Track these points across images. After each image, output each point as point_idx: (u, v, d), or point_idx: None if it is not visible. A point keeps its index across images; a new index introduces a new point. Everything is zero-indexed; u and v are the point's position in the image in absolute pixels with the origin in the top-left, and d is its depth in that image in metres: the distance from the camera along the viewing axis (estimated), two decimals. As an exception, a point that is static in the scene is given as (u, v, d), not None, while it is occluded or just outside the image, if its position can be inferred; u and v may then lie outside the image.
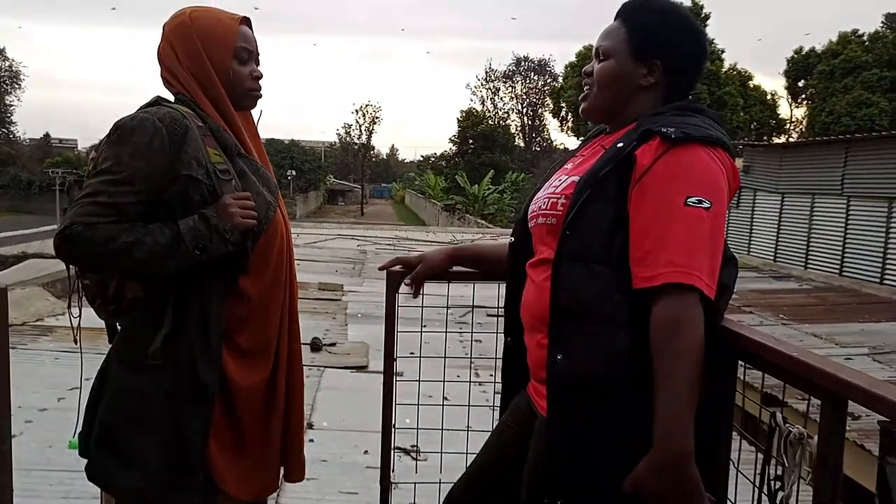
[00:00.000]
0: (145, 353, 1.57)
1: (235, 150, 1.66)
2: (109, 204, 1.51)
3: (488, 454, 1.81)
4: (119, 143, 1.54)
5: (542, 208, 1.61)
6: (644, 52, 1.57)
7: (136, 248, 1.51)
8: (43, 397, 4.50)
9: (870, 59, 31.24)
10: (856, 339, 8.40)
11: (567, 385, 1.46)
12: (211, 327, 1.59)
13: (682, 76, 1.61)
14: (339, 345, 6.59)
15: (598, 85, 1.62)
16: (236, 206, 1.57)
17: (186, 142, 1.56)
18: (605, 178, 1.46)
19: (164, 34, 1.69)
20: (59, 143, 57.66)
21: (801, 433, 1.38)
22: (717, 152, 1.46)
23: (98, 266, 1.60)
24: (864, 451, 5.14)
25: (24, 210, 43.24)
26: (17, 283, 7.44)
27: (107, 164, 1.54)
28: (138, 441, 1.60)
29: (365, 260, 14.01)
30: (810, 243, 14.58)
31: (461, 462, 2.03)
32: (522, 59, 65.54)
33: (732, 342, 1.49)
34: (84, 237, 1.50)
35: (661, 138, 1.43)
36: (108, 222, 1.51)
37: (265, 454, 1.75)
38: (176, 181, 1.56)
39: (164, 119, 1.56)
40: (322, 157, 63.93)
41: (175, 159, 1.55)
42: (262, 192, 1.67)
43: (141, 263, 1.53)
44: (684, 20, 1.61)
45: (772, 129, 36.44)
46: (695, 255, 1.37)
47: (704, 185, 1.41)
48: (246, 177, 1.66)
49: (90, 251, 1.51)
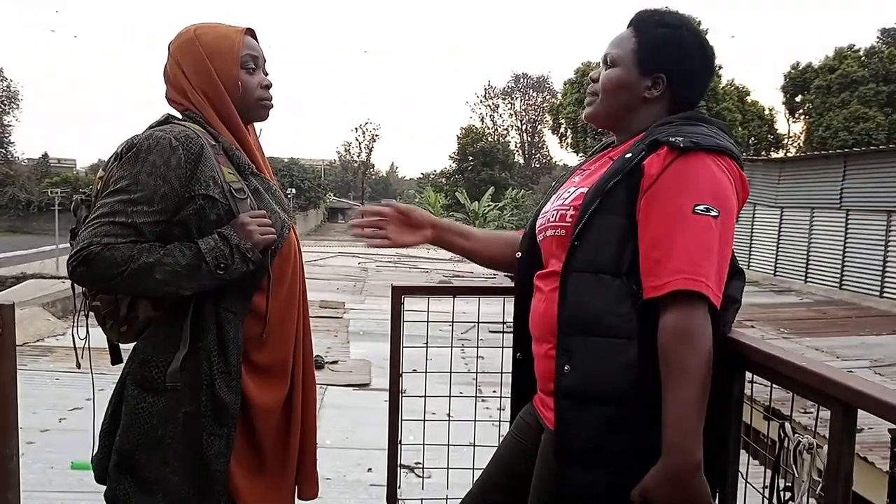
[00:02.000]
0: (163, 375, 1.55)
1: (248, 169, 1.66)
2: (127, 224, 1.49)
3: (495, 468, 1.80)
4: (135, 161, 1.52)
5: (551, 220, 1.60)
6: (651, 65, 1.58)
7: (157, 268, 1.49)
8: (44, 418, 4.49)
9: (866, 74, 31.38)
10: (857, 353, 8.40)
11: (575, 396, 1.46)
12: (228, 347, 1.57)
13: (687, 90, 1.61)
14: (341, 362, 6.58)
15: (602, 91, 1.63)
16: (254, 224, 1.56)
17: (202, 160, 1.55)
18: (614, 189, 1.46)
19: (171, 53, 1.68)
20: (58, 162, 57.79)
21: (811, 443, 1.37)
22: (726, 161, 1.46)
23: (116, 288, 1.56)
24: (868, 464, 5.12)
25: (22, 230, 43.25)
26: (16, 304, 7.43)
27: (123, 183, 1.51)
28: (159, 465, 1.57)
29: (366, 278, 14.02)
30: (810, 257, 14.60)
31: (467, 478, 2.02)
32: (521, 76, 65.97)
33: (740, 353, 1.49)
34: (103, 258, 1.47)
35: (668, 147, 1.44)
36: (127, 242, 1.49)
37: (283, 474, 1.73)
38: (193, 200, 1.54)
39: (180, 137, 1.54)
40: (322, 175, 64.08)
41: (192, 178, 1.54)
42: (277, 210, 1.66)
43: (161, 284, 1.51)
44: (695, 37, 1.61)
45: (770, 144, 36.49)
46: (701, 262, 1.37)
47: (712, 194, 1.41)
48: (260, 195, 1.65)
49: (109, 272, 1.48)
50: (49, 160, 56.25)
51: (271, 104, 1.75)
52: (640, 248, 1.43)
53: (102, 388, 1.73)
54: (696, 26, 1.65)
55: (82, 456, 3.52)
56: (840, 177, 13.89)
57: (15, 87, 52.10)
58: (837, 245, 13.82)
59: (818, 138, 32.04)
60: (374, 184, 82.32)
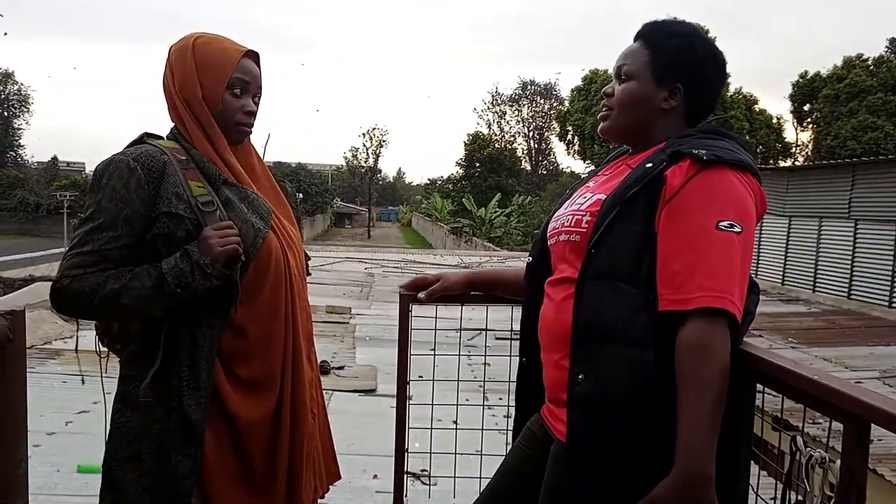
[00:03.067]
0: (138, 390, 1.55)
1: (221, 179, 1.62)
2: (94, 251, 1.51)
3: (503, 479, 1.79)
4: (97, 188, 1.54)
5: (566, 225, 1.60)
6: (668, 76, 1.58)
7: (124, 294, 1.50)
8: (51, 421, 4.49)
9: (874, 84, 31.33)
10: (866, 363, 8.34)
11: (588, 405, 1.45)
12: (200, 362, 1.55)
13: (703, 99, 1.62)
14: (347, 368, 6.57)
15: (619, 106, 1.62)
16: (216, 237, 1.53)
17: (165, 178, 1.54)
18: (634, 198, 1.46)
19: (167, 57, 1.67)
20: (67, 165, 58.06)
21: (823, 457, 1.36)
22: (746, 177, 1.47)
23: (93, 315, 1.59)
24: (877, 476, 5.08)
25: (31, 233, 43.43)
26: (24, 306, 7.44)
27: (88, 212, 1.54)
28: (135, 483, 1.56)
29: (372, 283, 14.01)
30: (818, 266, 14.53)
31: (474, 486, 2.01)
32: (528, 83, 66.08)
33: (752, 365, 1.48)
34: (72, 290, 1.50)
35: (692, 160, 1.44)
36: (95, 271, 1.51)
37: (272, 485, 1.69)
38: (157, 219, 1.54)
39: (140, 158, 1.54)
40: (329, 181, 64.23)
41: (155, 197, 1.53)
42: (251, 219, 1.61)
43: (130, 309, 1.52)
44: (707, 45, 1.62)
45: (778, 153, 36.45)
46: (727, 279, 1.37)
47: (736, 209, 1.41)
48: (232, 205, 1.60)
49: (80, 303, 1.52)
50: (58, 163, 56.54)
51: (249, 130, 1.72)
52: (659, 258, 1.43)
53: (111, 392, 1.73)
54: (706, 35, 1.65)
55: (88, 459, 3.55)
56: (849, 186, 13.83)
57: (25, 91, 52.52)
58: (846, 255, 13.75)
59: (826, 147, 31.98)
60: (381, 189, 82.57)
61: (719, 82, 1.64)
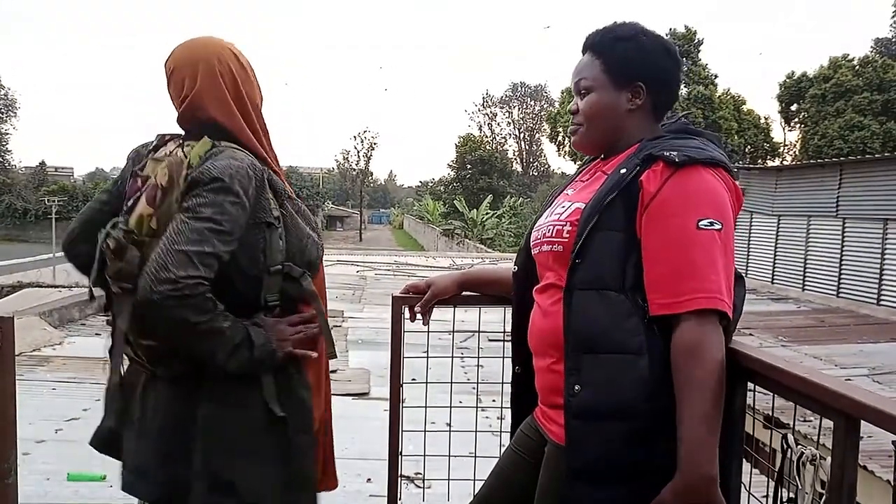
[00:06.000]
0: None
1: (285, 195, 1.62)
2: (215, 255, 1.42)
3: (497, 481, 1.79)
4: (221, 191, 1.46)
5: (547, 235, 1.60)
6: (626, 78, 1.59)
7: (219, 341, 1.45)
8: (40, 429, 4.45)
9: (860, 83, 31.51)
10: (855, 360, 8.40)
11: (587, 414, 1.44)
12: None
13: (665, 91, 1.63)
14: (339, 371, 6.55)
15: (587, 119, 1.63)
16: (292, 333, 1.57)
17: (264, 188, 1.54)
18: (611, 205, 1.47)
19: (205, 66, 1.58)
20: (55, 170, 57.79)
21: (814, 454, 1.36)
22: (720, 173, 1.48)
23: (172, 341, 1.49)
24: (868, 472, 5.11)
25: (19, 239, 43.20)
26: (13, 313, 7.39)
27: (209, 212, 1.43)
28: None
29: (365, 286, 13.98)
30: (807, 265, 14.62)
31: (468, 488, 2.00)
32: (519, 85, 66.20)
33: (742, 363, 1.48)
34: (194, 301, 1.39)
35: (664, 163, 1.45)
36: (209, 283, 1.41)
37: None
38: (258, 226, 1.53)
39: (253, 166, 1.52)
40: (320, 183, 64.13)
41: (255, 207, 1.52)
42: (311, 234, 1.64)
43: (217, 361, 1.47)
44: (655, 39, 1.63)
45: (766, 153, 36.65)
46: (713, 278, 1.38)
47: (713, 207, 1.42)
48: (293, 221, 1.60)
49: (185, 327, 1.41)
50: (46, 168, 56.26)
51: None
52: (644, 263, 1.44)
53: (100, 399, 1.72)
54: (649, 29, 1.65)
55: (79, 467, 3.52)
56: (836, 185, 13.93)
57: (13, 95, 52.20)
58: (834, 253, 13.84)
59: (814, 147, 32.15)
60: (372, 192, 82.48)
61: (676, 72, 1.66)
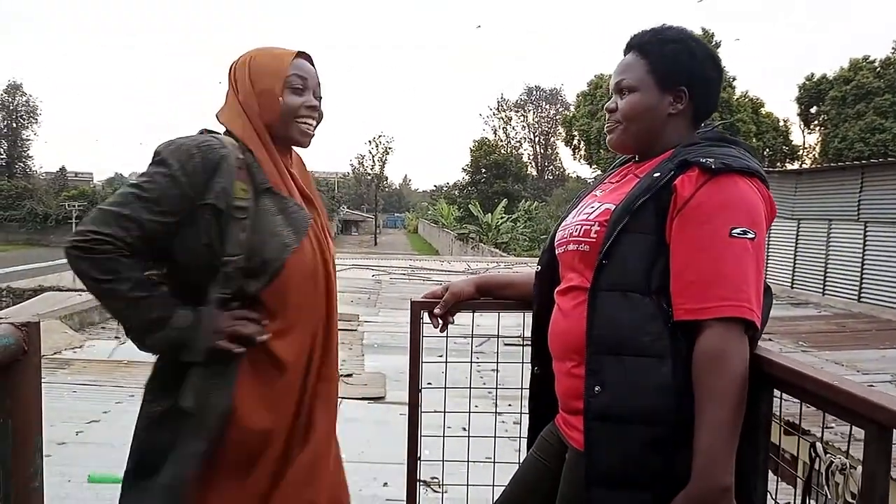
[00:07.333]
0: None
1: (263, 187, 1.63)
2: (132, 218, 1.51)
3: (517, 488, 1.77)
4: (155, 163, 1.57)
5: (574, 235, 1.59)
6: (671, 81, 1.58)
7: (127, 307, 1.53)
8: (61, 431, 4.48)
9: (881, 85, 31.18)
10: (877, 366, 8.27)
11: (606, 417, 1.43)
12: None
13: (707, 99, 1.63)
14: (355, 375, 6.55)
15: (626, 119, 1.62)
16: (228, 326, 1.56)
17: (218, 171, 1.56)
18: (643, 208, 1.45)
19: (231, 74, 1.73)
20: (75, 175, 58.44)
21: (844, 464, 1.34)
22: (755, 182, 1.46)
23: (88, 286, 1.56)
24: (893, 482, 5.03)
25: (39, 243, 43.67)
26: (35, 316, 7.46)
27: (139, 181, 1.56)
28: None
29: (380, 290, 13.99)
30: (828, 269, 14.44)
31: (486, 494, 1.99)
32: (534, 89, 66.12)
33: (767, 370, 1.46)
34: (97, 257, 1.49)
35: (700, 169, 1.43)
36: (124, 239, 1.51)
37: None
38: (201, 208, 1.56)
39: (202, 146, 1.58)
40: (335, 188, 64.36)
41: (204, 187, 1.56)
42: (281, 233, 1.62)
43: (115, 313, 1.56)
44: (702, 45, 1.63)
45: (785, 156, 36.31)
46: (743, 286, 1.37)
47: (748, 215, 1.41)
48: (263, 215, 1.61)
49: (91, 277, 1.51)
50: (66, 174, 56.91)
51: (312, 132, 1.76)
52: (673, 267, 1.42)
53: (120, 401, 1.72)
54: (697, 36, 1.66)
55: (100, 469, 3.54)
56: (858, 188, 13.75)
57: (34, 102, 52.88)
58: (856, 257, 13.66)
59: (834, 150, 31.84)
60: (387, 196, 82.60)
61: (719, 80, 1.66)
